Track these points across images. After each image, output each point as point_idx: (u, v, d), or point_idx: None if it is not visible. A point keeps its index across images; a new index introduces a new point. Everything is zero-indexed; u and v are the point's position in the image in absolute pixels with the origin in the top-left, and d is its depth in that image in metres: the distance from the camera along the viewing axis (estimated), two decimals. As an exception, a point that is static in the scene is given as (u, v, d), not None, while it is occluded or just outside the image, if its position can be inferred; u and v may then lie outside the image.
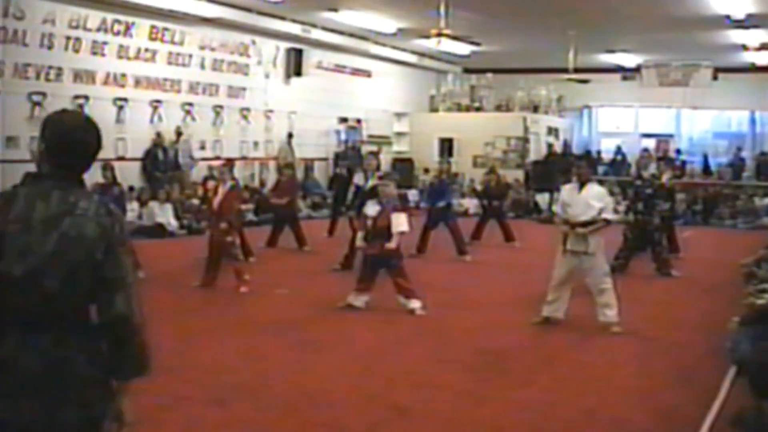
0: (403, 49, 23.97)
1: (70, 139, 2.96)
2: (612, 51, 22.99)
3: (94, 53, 15.75)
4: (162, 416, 5.87)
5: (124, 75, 16.40)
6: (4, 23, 14.09)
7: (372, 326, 8.88)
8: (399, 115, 25.60)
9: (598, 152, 26.64)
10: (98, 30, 15.78)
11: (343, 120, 22.85)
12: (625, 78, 25.71)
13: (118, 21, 16.15)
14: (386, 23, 19.62)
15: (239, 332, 8.48)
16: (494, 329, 8.97)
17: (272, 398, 6.39)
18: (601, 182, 9.18)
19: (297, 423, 5.91)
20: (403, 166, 23.96)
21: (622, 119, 27.70)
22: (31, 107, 14.57)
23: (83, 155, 2.99)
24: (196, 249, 11.14)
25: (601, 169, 24.75)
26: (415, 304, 9.42)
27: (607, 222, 8.79)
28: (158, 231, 15.33)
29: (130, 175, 15.16)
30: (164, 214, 15.81)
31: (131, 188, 15.61)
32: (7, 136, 14.03)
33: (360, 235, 9.80)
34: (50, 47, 14.94)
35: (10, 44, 14.19)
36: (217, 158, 17.27)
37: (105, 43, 15.94)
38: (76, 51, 15.42)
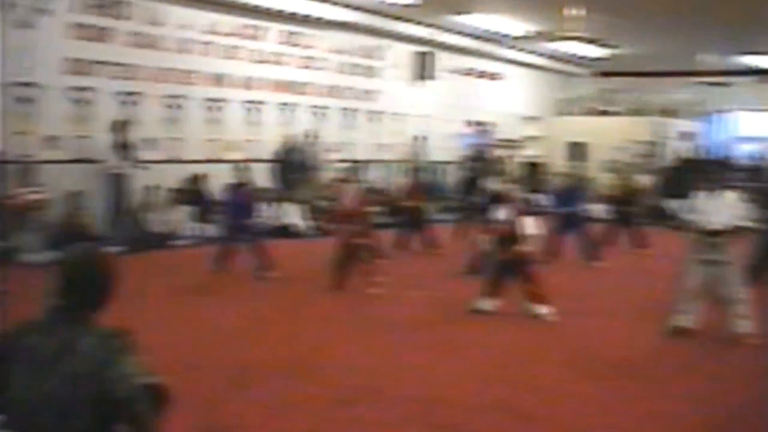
0: (532, 52, 23.69)
1: (76, 278, 3.05)
2: (748, 53, 22.07)
3: (227, 57, 16.14)
4: (288, 414, 5.94)
5: (256, 78, 16.74)
6: (144, 29, 14.62)
7: (500, 331, 8.78)
8: (528, 119, 25.31)
9: (734, 158, 25.61)
10: (231, 35, 16.17)
11: (472, 123, 22.73)
12: (762, 81, 24.64)
13: (250, 26, 16.50)
14: (515, 26, 19.40)
15: (368, 334, 8.52)
16: (624, 337, 8.74)
17: (397, 400, 6.38)
18: (736, 189, 8.76)
19: (421, 426, 5.89)
20: (533, 170, 23.65)
21: (759, 123, 26.56)
22: (166, 110, 15.08)
23: (88, 295, 3.06)
24: (326, 250, 11.25)
25: (736, 175, 23.77)
26: (544, 309, 9.27)
27: (743, 230, 8.43)
28: (289, 232, 15.60)
29: (261, 176, 15.45)
30: (295, 216, 16.07)
31: (262, 189, 15.89)
32: (145, 138, 14.46)
33: (488, 239, 9.71)
34: (186, 52, 15.40)
35: (148, 49, 14.71)
36: (347, 161, 17.43)
37: (237, 47, 16.32)
38: (210, 55, 15.84)
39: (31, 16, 12.88)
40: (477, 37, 21.11)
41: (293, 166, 16.81)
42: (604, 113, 25.31)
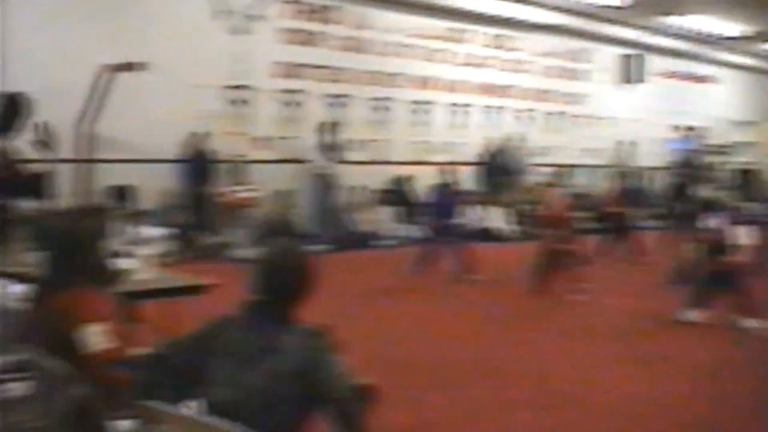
0: (747, 53, 22.33)
1: (276, 274, 2.98)
2: None
3: (433, 60, 16.06)
4: (489, 416, 5.74)
5: (461, 81, 16.58)
6: (352, 33, 14.79)
7: (706, 344, 8.09)
8: (741, 123, 23.84)
9: None
10: (436, 38, 16.09)
11: (682, 128, 21.63)
12: None
13: (455, 29, 16.37)
14: (730, 27, 18.31)
15: (566, 340, 8.12)
16: None
17: (595, 407, 6.00)
18: None
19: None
20: (746, 177, 22.25)
21: None
22: (372, 112, 15.15)
23: (288, 291, 2.98)
24: (528, 255, 10.89)
25: None
26: (754, 323, 8.51)
27: None
28: (492, 235, 15.31)
29: (466, 179, 15.24)
30: (498, 219, 15.76)
31: (467, 192, 15.69)
32: (352, 140, 14.61)
33: (697, 247, 9.07)
34: (392, 55, 15.44)
35: (355, 53, 14.85)
36: (552, 165, 16.96)
37: (443, 50, 16.22)
38: (416, 58, 15.82)
39: (245, 22, 13.27)
40: (689, 39, 20.11)
41: (498, 170, 16.51)
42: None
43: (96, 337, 3.01)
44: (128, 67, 10.77)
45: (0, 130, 5.77)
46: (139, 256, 5.33)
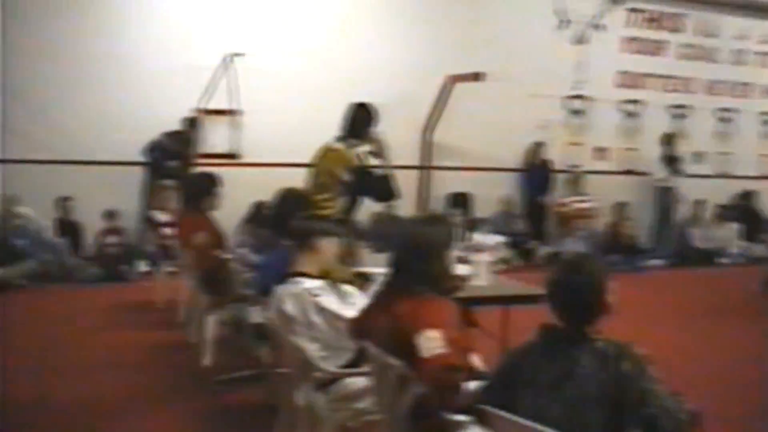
0: None
1: (563, 286, 2.81)
2: None
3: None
4: None
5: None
6: (697, 41, 14.19)
7: None
8: None
9: None
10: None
11: None
12: None
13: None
14: None
15: None
16: None
17: None
18: None
19: None
20: None
21: None
22: (716, 123, 14.44)
23: (581, 310, 2.78)
24: None
25: None
26: None
27: None
28: None
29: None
30: None
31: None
32: (694, 152, 14.01)
33: None
34: (740, 64, 14.60)
35: (700, 61, 14.22)
36: None
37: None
38: (765, 67, 14.83)
39: (587, 32, 13.18)
40: None
41: None
42: None
43: (432, 342, 3.10)
44: (473, 77, 11.16)
45: (349, 136, 6.18)
46: (475, 262, 5.47)
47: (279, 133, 11.10)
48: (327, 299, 4.04)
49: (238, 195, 8.65)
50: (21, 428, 5.01)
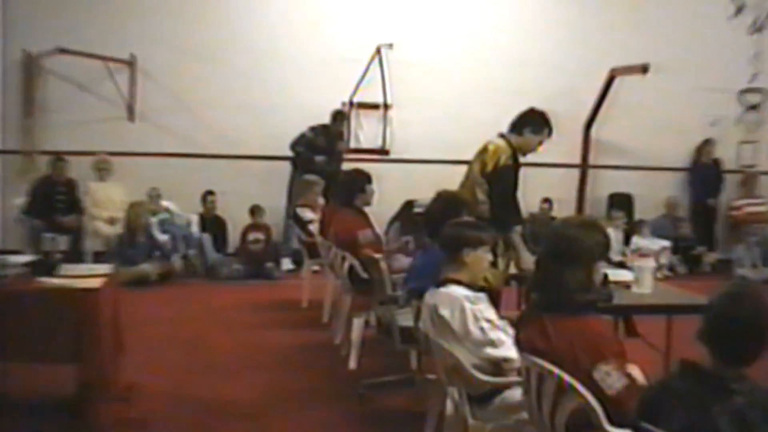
0: None
1: (719, 319, 2.61)
2: None
3: None
4: None
5: None
6: None
7: None
8: None
9: None
10: None
11: None
12: None
13: None
14: None
15: None
16: None
17: None
18: None
19: None
20: None
21: None
22: None
23: (736, 344, 2.59)
24: None
25: None
26: None
27: None
28: None
29: None
30: None
31: None
32: None
33: None
34: None
35: None
36: None
37: None
38: None
39: (765, 20, 12.68)
40: None
41: None
42: None
43: (611, 378, 3.03)
44: (640, 69, 10.92)
45: (513, 134, 6.16)
46: (638, 268, 5.39)
47: (430, 128, 11.22)
48: (485, 309, 4.06)
49: (387, 192, 8.77)
50: (157, 424, 5.18)
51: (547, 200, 11.57)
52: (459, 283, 4.14)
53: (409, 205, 8.51)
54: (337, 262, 6.77)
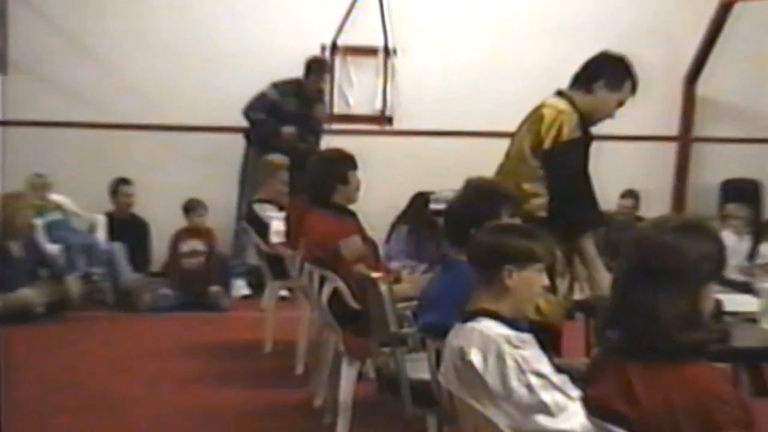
0: None
1: None
2: None
3: None
4: None
5: None
6: None
7: None
8: None
9: None
10: None
11: None
12: None
13: None
14: None
15: None
16: None
17: None
18: None
19: None
20: None
21: None
22: None
23: None
24: None
25: None
26: None
27: None
28: None
29: None
30: None
31: None
32: None
33: None
34: None
35: None
36: None
37: None
38: None
39: None
40: None
41: None
42: None
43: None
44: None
45: (579, 91, 6.12)
46: (766, 292, 5.39)
47: (452, 83, 11.18)
48: (535, 355, 4.02)
49: (388, 180, 8.79)
50: None
51: (629, 193, 11.52)
52: (497, 316, 4.13)
53: (421, 199, 8.53)
54: (314, 284, 6.75)
